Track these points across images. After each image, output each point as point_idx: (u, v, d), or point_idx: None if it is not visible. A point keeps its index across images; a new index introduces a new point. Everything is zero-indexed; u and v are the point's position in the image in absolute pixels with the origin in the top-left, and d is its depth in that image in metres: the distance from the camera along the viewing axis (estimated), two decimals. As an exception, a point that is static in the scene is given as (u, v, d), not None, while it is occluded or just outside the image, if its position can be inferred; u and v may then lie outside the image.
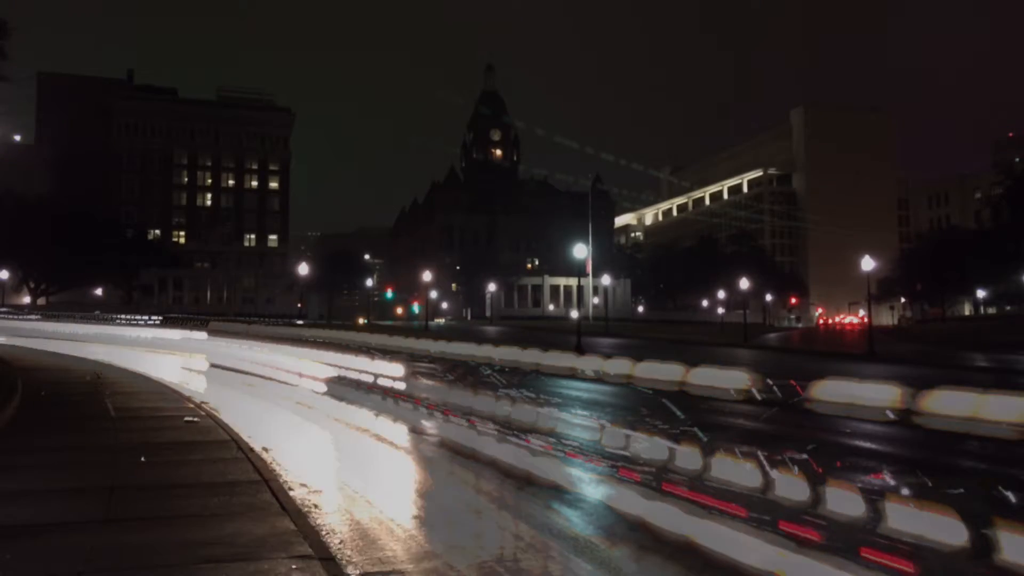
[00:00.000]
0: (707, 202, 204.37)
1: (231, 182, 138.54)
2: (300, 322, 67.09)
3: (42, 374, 28.63)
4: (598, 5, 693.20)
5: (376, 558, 8.09)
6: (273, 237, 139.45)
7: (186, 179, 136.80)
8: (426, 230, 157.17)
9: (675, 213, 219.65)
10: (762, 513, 7.94)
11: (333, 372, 21.72)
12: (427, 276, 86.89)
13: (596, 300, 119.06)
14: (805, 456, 8.38)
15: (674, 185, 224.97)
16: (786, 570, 7.12)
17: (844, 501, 7.37)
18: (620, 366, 11.91)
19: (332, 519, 9.57)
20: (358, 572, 7.60)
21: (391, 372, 18.49)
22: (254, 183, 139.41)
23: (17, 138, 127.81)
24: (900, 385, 7.80)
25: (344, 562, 7.82)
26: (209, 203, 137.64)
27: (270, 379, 25.93)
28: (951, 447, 10.10)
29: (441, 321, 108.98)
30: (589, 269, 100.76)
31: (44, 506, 9.80)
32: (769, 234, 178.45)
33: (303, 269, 68.92)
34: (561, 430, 12.28)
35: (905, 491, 8.44)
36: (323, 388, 22.08)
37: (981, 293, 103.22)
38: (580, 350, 43.52)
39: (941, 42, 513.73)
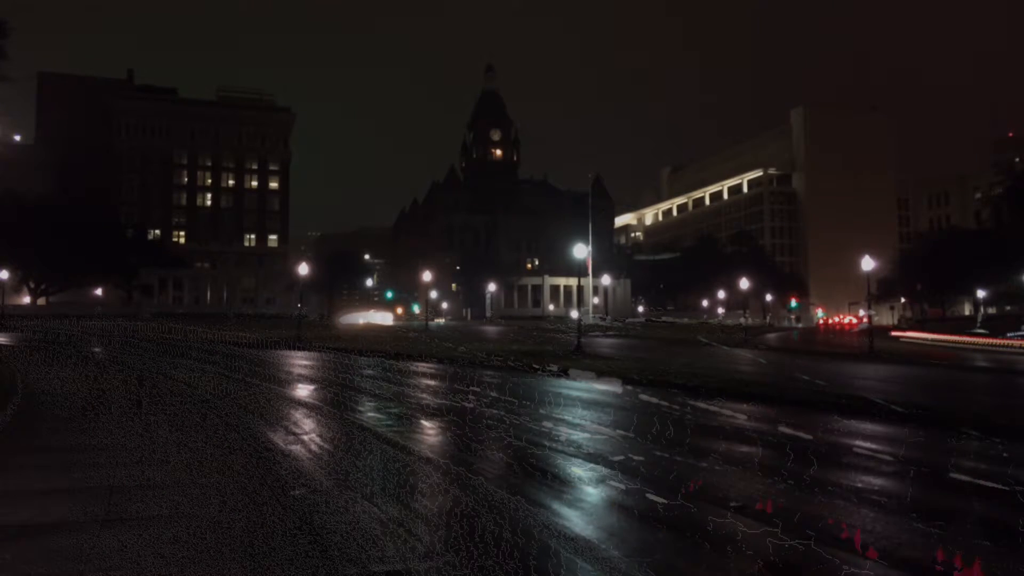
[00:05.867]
0: (707, 202, 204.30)
1: (231, 182, 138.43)
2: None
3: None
4: (599, 9, 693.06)
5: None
6: (273, 237, 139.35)
7: (186, 179, 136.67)
8: (426, 230, 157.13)
9: (675, 213, 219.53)
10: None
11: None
12: (427, 276, 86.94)
13: (596, 300, 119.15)
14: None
15: (674, 185, 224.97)
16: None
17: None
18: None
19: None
20: (358, 570, 7.59)
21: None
22: (254, 183, 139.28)
23: (17, 138, 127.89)
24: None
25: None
26: (209, 203, 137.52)
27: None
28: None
29: (441, 321, 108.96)
30: (589, 269, 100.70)
31: (44, 506, 9.81)
32: (769, 234, 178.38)
33: (303, 269, 68.79)
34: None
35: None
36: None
37: (981, 293, 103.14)
38: (580, 350, 43.51)
39: (941, 42, 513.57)
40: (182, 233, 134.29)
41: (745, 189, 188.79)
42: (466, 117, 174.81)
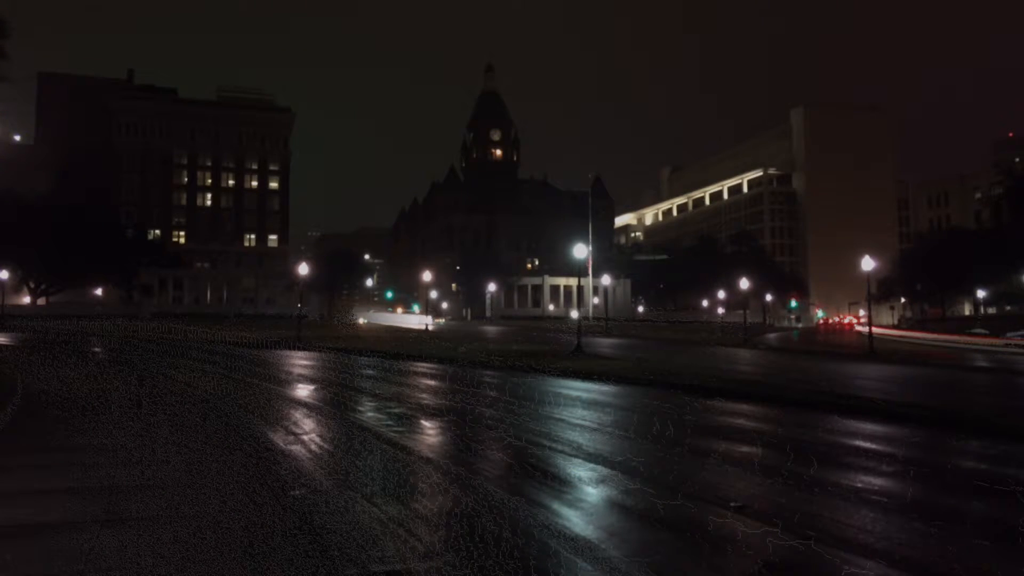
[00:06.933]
0: (707, 202, 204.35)
1: (231, 182, 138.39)
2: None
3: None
4: (599, 9, 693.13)
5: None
6: (273, 237, 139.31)
7: (186, 179, 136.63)
8: (426, 230, 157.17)
9: (675, 213, 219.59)
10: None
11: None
12: (427, 276, 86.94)
13: (596, 300, 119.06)
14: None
15: (674, 185, 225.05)
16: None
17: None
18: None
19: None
20: (358, 570, 7.59)
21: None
22: (254, 183, 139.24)
23: (17, 138, 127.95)
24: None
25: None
26: (209, 203, 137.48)
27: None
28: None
29: (441, 321, 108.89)
30: (589, 269, 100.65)
31: (44, 506, 9.80)
32: (769, 234, 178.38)
33: (303, 269, 68.78)
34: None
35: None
36: None
37: (981, 293, 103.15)
38: (580, 350, 43.51)
39: (941, 42, 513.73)
40: (182, 233, 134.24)
41: (745, 189, 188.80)
42: (466, 117, 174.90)
